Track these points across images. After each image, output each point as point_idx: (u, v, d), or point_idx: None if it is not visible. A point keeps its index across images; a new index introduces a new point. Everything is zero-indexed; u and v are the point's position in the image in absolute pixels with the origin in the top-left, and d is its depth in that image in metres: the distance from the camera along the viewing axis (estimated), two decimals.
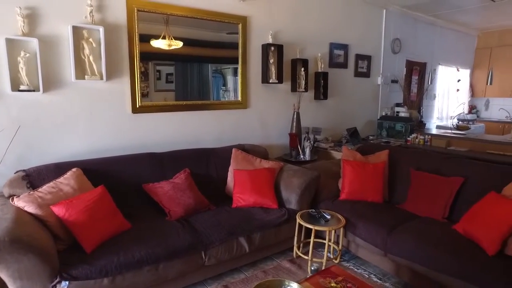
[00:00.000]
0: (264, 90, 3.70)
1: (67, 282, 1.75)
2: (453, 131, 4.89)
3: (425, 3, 4.92)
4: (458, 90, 7.17)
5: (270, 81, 3.58)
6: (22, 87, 2.35)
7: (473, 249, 2.08)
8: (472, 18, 5.90)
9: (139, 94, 2.89)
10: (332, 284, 1.75)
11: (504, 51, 6.83)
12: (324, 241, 2.58)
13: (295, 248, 2.73)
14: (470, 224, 2.24)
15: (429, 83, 6.15)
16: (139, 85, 2.88)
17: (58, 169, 2.35)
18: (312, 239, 2.51)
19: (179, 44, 3.06)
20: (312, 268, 1.96)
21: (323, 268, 2.29)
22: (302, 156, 3.64)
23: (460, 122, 6.30)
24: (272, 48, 3.56)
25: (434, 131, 5.11)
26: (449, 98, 7.03)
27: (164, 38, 2.97)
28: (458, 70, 6.99)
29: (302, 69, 3.81)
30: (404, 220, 2.53)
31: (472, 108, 7.57)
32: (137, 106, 2.90)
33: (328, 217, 2.58)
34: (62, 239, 1.99)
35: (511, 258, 1.93)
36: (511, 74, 6.76)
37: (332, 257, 2.73)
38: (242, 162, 3.00)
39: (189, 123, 3.25)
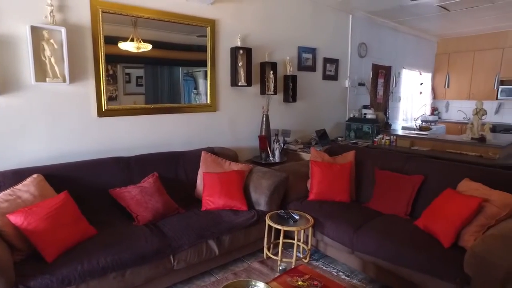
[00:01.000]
0: (233, 93, 3.72)
1: None
2: (416, 132, 5.12)
3: (389, 10, 5.14)
4: (421, 92, 7.53)
5: (239, 84, 3.60)
6: None
7: (431, 242, 2.19)
8: (431, 25, 6.23)
9: (105, 97, 2.82)
10: (299, 283, 1.79)
11: (460, 57, 7.27)
12: (293, 241, 2.62)
13: (265, 249, 2.75)
14: (429, 220, 2.36)
15: (394, 86, 6.42)
16: (105, 88, 2.81)
17: (17, 175, 2.25)
18: (281, 240, 2.55)
19: (148, 46, 3.02)
20: (281, 268, 1.99)
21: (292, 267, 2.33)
22: (271, 158, 3.68)
23: (423, 123, 6.62)
24: (241, 51, 3.58)
25: (400, 132, 5.31)
26: (413, 100, 7.36)
27: (132, 40, 2.92)
28: (420, 73, 7.34)
29: (271, 72, 3.86)
30: (370, 218, 2.62)
31: (434, 110, 7.96)
32: (103, 110, 2.83)
33: (297, 217, 2.63)
34: (20, 249, 1.90)
35: (464, 249, 2.04)
36: (467, 78, 7.20)
37: (301, 256, 2.78)
38: (212, 165, 3.00)
39: (158, 127, 3.20)
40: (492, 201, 2.16)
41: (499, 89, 6.72)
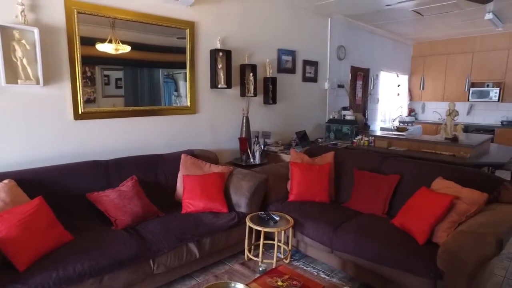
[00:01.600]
0: (213, 95, 3.71)
1: None
2: (393, 133, 5.26)
3: (366, 14, 5.26)
4: (398, 94, 7.74)
5: (219, 86, 3.60)
6: None
7: (407, 240, 2.25)
8: (406, 29, 6.43)
9: (82, 100, 2.76)
10: (278, 283, 1.80)
11: (435, 60, 7.54)
12: (274, 242, 2.64)
13: (246, 251, 2.76)
14: (405, 218, 2.43)
15: (372, 88, 6.57)
16: (81, 90, 2.75)
17: None
18: (261, 241, 2.56)
19: (127, 48, 2.98)
20: (261, 269, 1.99)
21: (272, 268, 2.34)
22: (252, 160, 3.69)
23: (400, 124, 6.80)
24: (221, 53, 3.58)
25: (378, 132, 5.44)
26: (391, 102, 7.55)
27: (110, 42, 2.87)
28: (397, 76, 7.55)
29: (251, 74, 3.88)
30: (348, 218, 2.67)
31: (411, 111, 8.20)
32: (80, 112, 2.77)
33: (277, 218, 2.64)
34: None
35: (437, 245, 2.11)
36: (441, 80, 7.47)
37: (282, 257, 2.80)
38: (192, 168, 2.98)
39: (138, 129, 3.16)
40: (462, 198, 2.25)
41: (470, 91, 7.00)
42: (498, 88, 6.68)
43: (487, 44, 6.83)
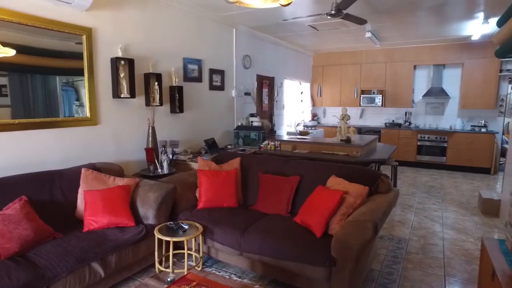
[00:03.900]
0: (116, 105, 3.53)
1: None
2: (297, 137, 5.69)
3: (267, 26, 5.62)
4: (302, 100, 8.40)
5: (122, 96, 3.44)
6: None
7: (306, 235, 2.48)
8: (306, 41, 7.04)
9: None
10: None
11: (331, 70, 8.43)
12: (184, 251, 2.64)
13: (156, 263, 2.70)
14: (305, 215, 2.67)
15: (277, 95, 7.01)
16: None
17: None
18: (171, 251, 2.54)
19: (10, 52, 2.65)
20: (169, 279, 1.99)
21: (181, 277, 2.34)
22: (160, 170, 3.62)
23: (305, 128, 7.39)
24: (122, 62, 3.43)
25: (285, 137, 5.80)
26: (296, 108, 8.16)
27: None
28: (300, 83, 8.20)
29: (156, 83, 3.81)
30: (255, 220, 2.81)
31: (314, 116, 8.96)
32: None
33: (186, 227, 2.65)
34: None
35: (332, 236, 2.34)
36: (337, 88, 8.38)
37: (194, 265, 2.81)
38: (93, 182, 2.80)
39: (29, 144, 2.83)
40: (350, 192, 2.57)
41: (361, 97, 8.00)
42: (381, 95, 7.78)
43: (370, 57, 7.92)
